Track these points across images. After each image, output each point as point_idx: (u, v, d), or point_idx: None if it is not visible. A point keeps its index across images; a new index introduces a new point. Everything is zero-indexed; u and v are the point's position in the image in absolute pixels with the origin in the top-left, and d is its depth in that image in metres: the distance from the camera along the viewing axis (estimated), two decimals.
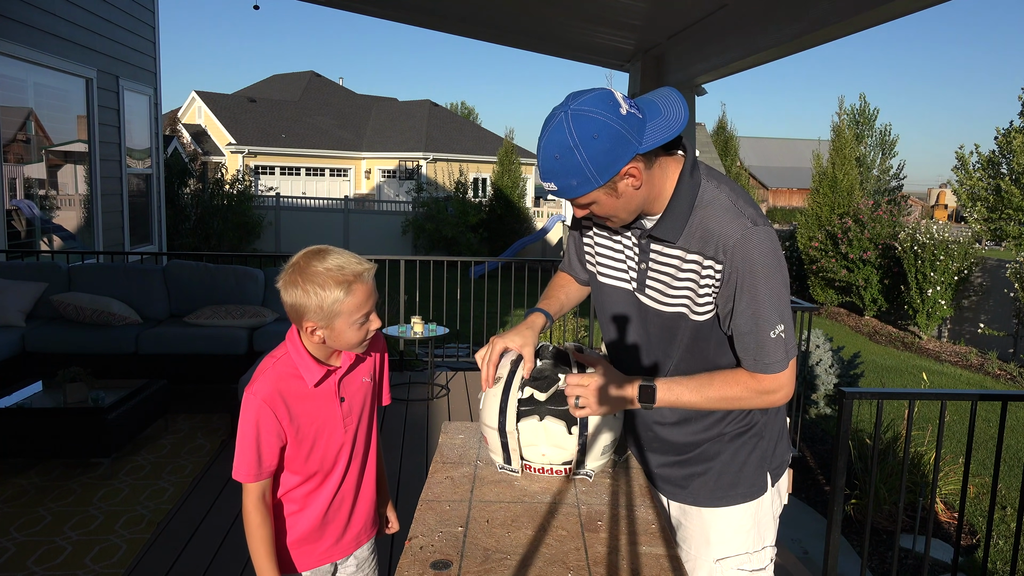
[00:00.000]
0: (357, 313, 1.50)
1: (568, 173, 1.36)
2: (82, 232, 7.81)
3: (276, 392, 1.53)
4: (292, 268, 1.49)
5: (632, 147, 1.35)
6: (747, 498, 1.63)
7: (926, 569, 2.51)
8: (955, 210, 31.44)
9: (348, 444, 1.66)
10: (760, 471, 1.64)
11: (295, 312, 1.50)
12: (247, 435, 1.51)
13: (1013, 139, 16.33)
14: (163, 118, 11.21)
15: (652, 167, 1.43)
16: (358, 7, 5.94)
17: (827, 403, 6.22)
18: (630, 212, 1.46)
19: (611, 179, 1.37)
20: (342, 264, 1.48)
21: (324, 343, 1.54)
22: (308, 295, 1.47)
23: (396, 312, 8.00)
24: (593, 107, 1.34)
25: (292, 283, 1.48)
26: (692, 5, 3.75)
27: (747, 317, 1.45)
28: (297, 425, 1.56)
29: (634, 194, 1.42)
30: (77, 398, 4.03)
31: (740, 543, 1.64)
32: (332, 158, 30.35)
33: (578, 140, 1.33)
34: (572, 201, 1.45)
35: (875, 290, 11.79)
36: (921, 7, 2.64)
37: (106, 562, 3.06)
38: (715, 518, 1.65)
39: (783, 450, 1.70)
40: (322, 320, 1.49)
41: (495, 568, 1.29)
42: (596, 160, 1.34)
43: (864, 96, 27.62)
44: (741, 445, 1.62)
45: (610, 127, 1.33)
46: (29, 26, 6.61)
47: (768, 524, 1.67)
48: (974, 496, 4.74)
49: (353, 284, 1.48)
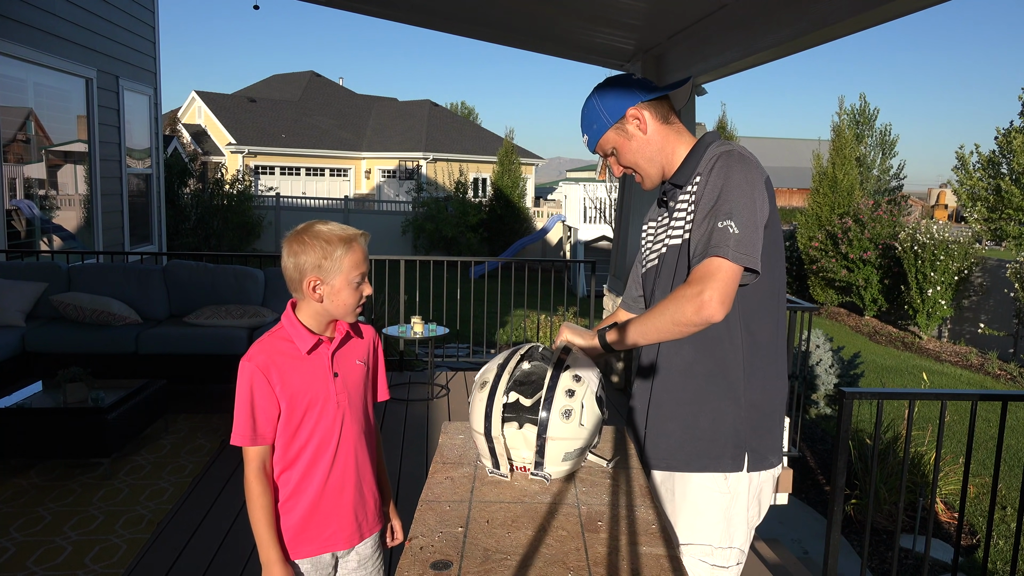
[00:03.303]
0: (355, 271, 1.62)
1: (591, 120, 1.77)
2: (82, 232, 7.81)
3: (269, 358, 1.61)
4: (295, 233, 1.63)
5: (636, 95, 1.73)
6: (719, 468, 1.66)
7: (926, 569, 2.51)
8: (955, 210, 31.43)
9: (341, 423, 1.69)
10: (735, 445, 1.66)
11: (299, 271, 1.61)
12: (242, 399, 1.59)
13: (1013, 139, 16.33)
14: (163, 118, 11.21)
15: (666, 124, 1.75)
16: (358, 7, 5.93)
17: (827, 403, 6.22)
18: (647, 160, 1.75)
19: (619, 120, 1.73)
20: (342, 226, 1.65)
21: (322, 302, 1.63)
22: (314, 249, 1.59)
23: (396, 312, 8.00)
24: (613, 77, 1.80)
25: (298, 242, 1.61)
26: (692, 5, 3.75)
27: (704, 207, 1.59)
28: (290, 392, 1.62)
29: (645, 140, 1.74)
30: (77, 398, 4.03)
31: (705, 533, 1.68)
32: (332, 158, 30.36)
33: (596, 93, 1.78)
34: (602, 150, 1.79)
35: (875, 290, 11.79)
36: (921, 7, 2.64)
37: (106, 562, 3.06)
38: (685, 492, 1.69)
39: (767, 445, 1.70)
40: (323, 275, 1.60)
41: (495, 568, 1.29)
42: (607, 104, 1.74)
43: (864, 96, 27.66)
44: (719, 408, 1.66)
45: (623, 80, 1.77)
46: (29, 26, 6.61)
47: (739, 525, 1.69)
48: (974, 496, 4.74)
49: (353, 242, 1.62)
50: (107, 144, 8.06)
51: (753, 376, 1.67)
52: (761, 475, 1.71)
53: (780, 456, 1.76)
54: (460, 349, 7.56)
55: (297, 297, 1.67)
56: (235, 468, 4.04)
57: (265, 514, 1.61)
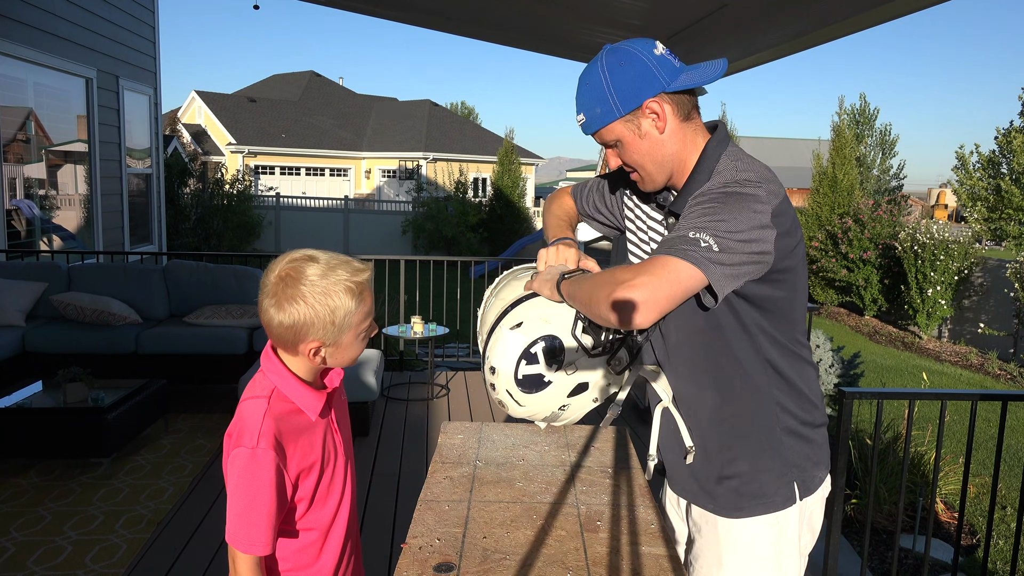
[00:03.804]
0: (365, 323, 1.34)
1: (595, 100, 1.39)
2: (82, 232, 7.81)
3: (282, 440, 1.29)
4: (284, 282, 1.28)
5: (658, 83, 1.36)
6: (768, 508, 1.49)
7: (926, 569, 2.51)
8: (955, 210, 31.43)
9: (344, 474, 1.47)
10: (781, 478, 1.49)
11: (294, 332, 1.28)
12: (258, 497, 1.26)
13: (1013, 139, 16.33)
14: (163, 118, 11.21)
15: (686, 123, 1.42)
16: (358, 7, 5.94)
17: (827, 403, 6.23)
18: (656, 164, 1.42)
19: (633, 111, 1.37)
20: (347, 271, 1.31)
21: (324, 363, 1.35)
22: (315, 310, 1.27)
23: (396, 312, 8.00)
24: (630, 42, 1.38)
25: (290, 299, 1.27)
26: (692, 5, 3.75)
27: (679, 226, 1.33)
28: (305, 468, 1.35)
29: (659, 140, 1.40)
30: (77, 398, 4.03)
31: (755, 572, 1.50)
32: (332, 158, 30.35)
33: (606, 66, 1.37)
34: (601, 138, 1.44)
35: (875, 290, 11.79)
36: (921, 7, 2.64)
37: (106, 562, 3.06)
38: (730, 536, 1.51)
39: (813, 462, 1.53)
40: (329, 337, 1.30)
41: (494, 568, 1.29)
42: (620, 88, 1.36)
43: (864, 96, 27.64)
44: (756, 449, 1.49)
45: (638, 58, 1.36)
46: (29, 26, 6.61)
47: (791, 557, 1.51)
48: (974, 496, 4.74)
49: (364, 292, 1.32)
50: (107, 144, 8.06)
51: (783, 404, 1.49)
52: (809, 501, 1.53)
53: (827, 467, 1.58)
54: (460, 349, 7.56)
55: (284, 353, 1.35)
56: None
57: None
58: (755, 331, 1.44)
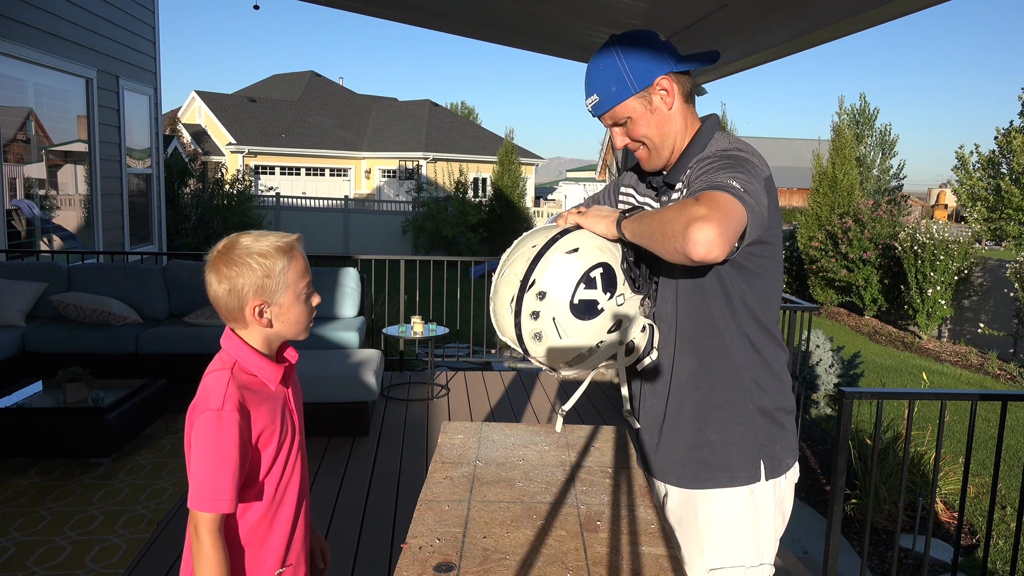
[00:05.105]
0: (302, 283, 1.44)
1: (609, 80, 1.53)
2: (82, 232, 7.81)
3: (243, 403, 1.38)
4: (222, 252, 1.40)
5: (668, 63, 1.52)
6: (733, 482, 1.56)
7: (926, 569, 2.51)
8: (955, 210, 31.43)
9: (299, 452, 1.53)
10: (749, 455, 1.56)
11: (237, 297, 1.39)
12: (223, 457, 1.33)
13: (1013, 139, 16.33)
14: (163, 118, 11.21)
15: (687, 104, 1.57)
16: (358, 7, 5.93)
17: (827, 403, 6.22)
18: (663, 137, 1.56)
19: (646, 88, 1.52)
20: (276, 236, 1.44)
21: (271, 326, 1.44)
22: (250, 268, 1.38)
23: (396, 312, 8.00)
24: (638, 30, 1.56)
25: (228, 263, 1.38)
26: (692, 5, 3.75)
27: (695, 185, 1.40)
28: (264, 435, 1.43)
29: (667, 116, 1.54)
30: (77, 398, 4.03)
31: (736, 554, 1.57)
32: (332, 158, 30.35)
33: (620, 50, 1.53)
34: (613, 116, 1.56)
35: (875, 290, 11.79)
36: (921, 7, 2.64)
37: (106, 562, 3.06)
38: (711, 515, 1.57)
39: (782, 447, 1.61)
40: (268, 294, 1.40)
41: (494, 568, 1.29)
42: (635, 66, 1.51)
43: (864, 96, 27.66)
44: (727, 419, 1.56)
45: (649, 40, 1.54)
46: (29, 26, 6.61)
47: (768, 540, 1.60)
48: (974, 496, 4.74)
49: (293, 251, 1.43)
50: (107, 144, 8.06)
51: (758, 381, 1.57)
52: (782, 483, 1.61)
53: (796, 455, 1.66)
54: (460, 349, 7.56)
55: (237, 327, 1.45)
56: None
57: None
58: (738, 304, 1.53)
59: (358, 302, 5.89)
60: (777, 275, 1.59)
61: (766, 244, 1.50)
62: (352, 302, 5.85)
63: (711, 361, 1.55)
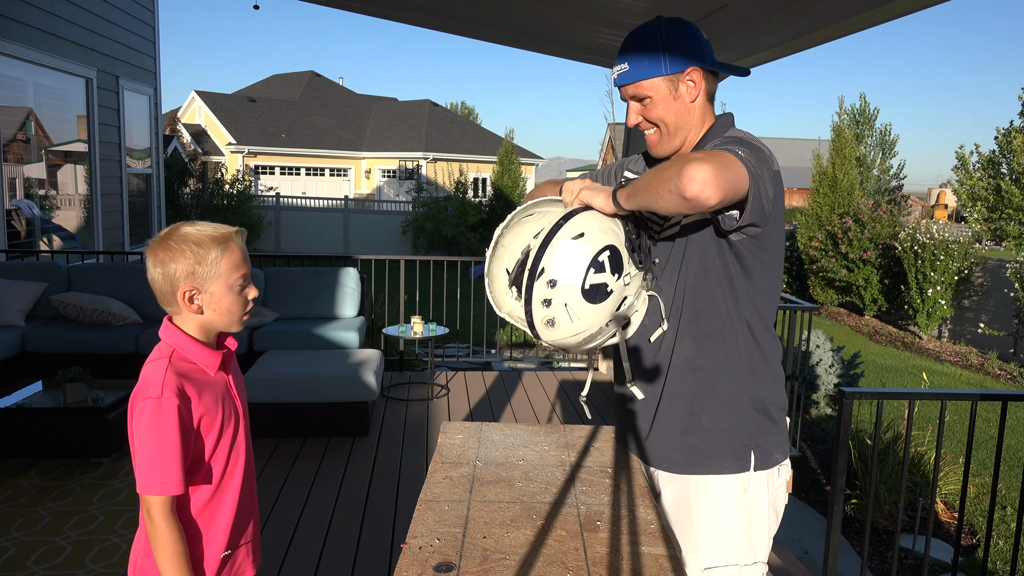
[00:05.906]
0: (235, 274, 1.46)
1: (644, 54, 1.54)
2: (82, 232, 7.81)
3: (182, 389, 1.42)
4: (159, 240, 1.44)
5: (704, 59, 1.55)
6: (722, 469, 1.57)
7: (926, 569, 2.51)
8: (955, 210, 31.43)
9: (245, 438, 1.58)
10: (740, 443, 1.57)
11: (169, 281, 1.43)
12: (166, 442, 1.38)
13: (1013, 139, 16.33)
14: (163, 118, 11.21)
15: (708, 103, 1.59)
16: (358, 7, 5.93)
17: (827, 403, 6.22)
18: (677, 126, 1.57)
19: (677, 73, 1.53)
20: (214, 226, 1.47)
21: (202, 313, 1.46)
22: (184, 255, 1.42)
23: (396, 312, 8.01)
24: (687, 21, 1.58)
25: (164, 248, 1.42)
26: (692, 5, 3.75)
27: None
28: (206, 420, 1.47)
29: (688, 107, 1.56)
30: (77, 398, 4.03)
31: (731, 552, 1.58)
32: (332, 158, 30.36)
33: (664, 29, 1.54)
34: (637, 89, 1.56)
35: (875, 290, 11.79)
36: (921, 7, 2.64)
37: (106, 562, 3.06)
38: (704, 512, 1.58)
39: (773, 442, 1.61)
40: (199, 283, 1.43)
41: (494, 568, 1.29)
42: (673, 49, 1.53)
43: (864, 96, 27.68)
44: (720, 405, 1.57)
45: (695, 32, 1.56)
46: (29, 26, 6.61)
47: (762, 539, 1.61)
48: (974, 496, 4.74)
49: (229, 242, 1.46)
50: (107, 144, 8.07)
51: (755, 372, 1.58)
52: (775, 480, 1.62)
53: (787, 452, 1.66)
54: (460, 349, 7.56)
55: (172, 311, 1.49)
56: None
57: (184, 561, 1.41)
58: (741, 291, 1.54)
59: (358, 302, 5.89)
60: (778, 272, 1.60)
61: (770, 238, 1.51)
62: (352, 302, 5.85)
63: (711, 345, 1.57)
